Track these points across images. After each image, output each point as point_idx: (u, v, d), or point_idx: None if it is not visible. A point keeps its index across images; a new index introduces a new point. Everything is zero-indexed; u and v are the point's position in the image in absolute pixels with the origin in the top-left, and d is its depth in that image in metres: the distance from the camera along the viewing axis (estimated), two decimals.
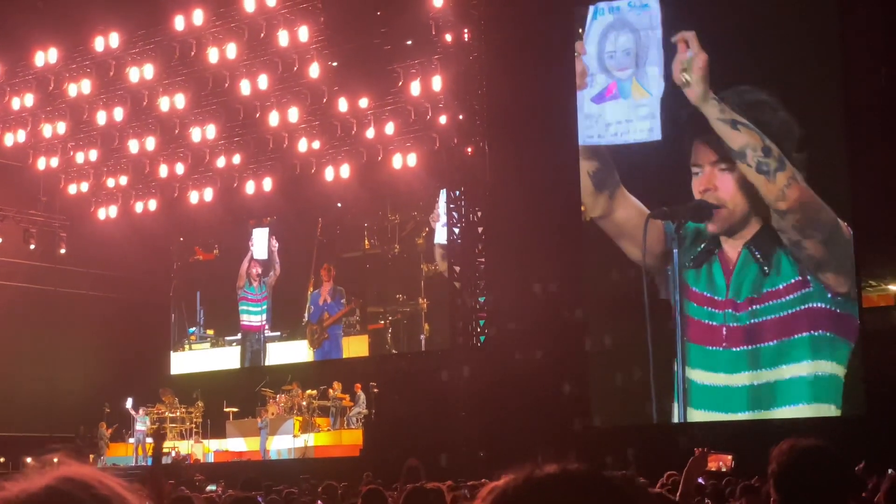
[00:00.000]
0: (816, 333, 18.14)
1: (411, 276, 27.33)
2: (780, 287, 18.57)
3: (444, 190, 23.67)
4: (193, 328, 30.57)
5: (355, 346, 27.72)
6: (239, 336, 29.57)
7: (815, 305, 18.24)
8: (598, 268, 20.56)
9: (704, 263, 19.34)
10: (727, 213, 19.18)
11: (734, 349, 18.89)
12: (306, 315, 28.45)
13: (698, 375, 19.12)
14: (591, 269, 20.82)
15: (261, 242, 29.82)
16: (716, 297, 19.15)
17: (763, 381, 18.59)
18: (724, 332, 18.96)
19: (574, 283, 21.09)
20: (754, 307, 18.76)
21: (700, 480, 9.00)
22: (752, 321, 18.75)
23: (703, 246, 19.33)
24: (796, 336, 18.34)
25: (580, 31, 20.70)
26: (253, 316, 29.45)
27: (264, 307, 29.37)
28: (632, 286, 19.76)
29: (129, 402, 26.96)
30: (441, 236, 25.04)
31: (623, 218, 20.11)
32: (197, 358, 30.17)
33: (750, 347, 18.73)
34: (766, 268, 18.70)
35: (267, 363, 28.80)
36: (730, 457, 10.38)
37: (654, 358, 19.37)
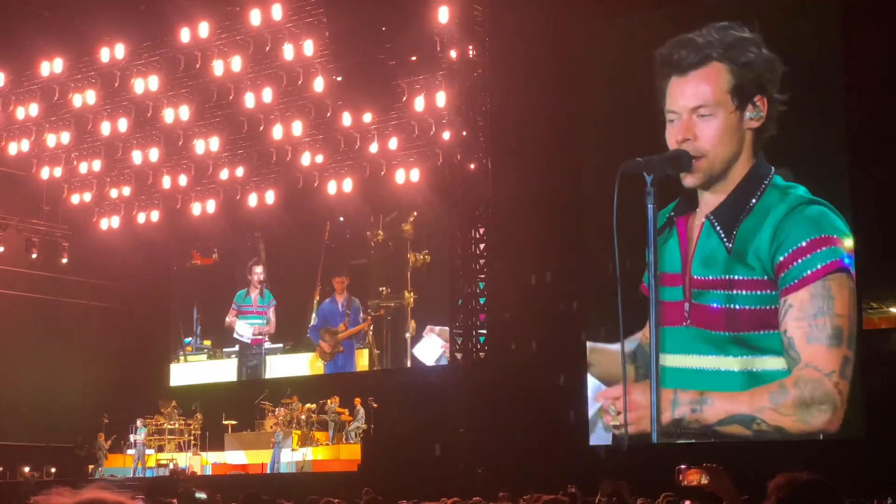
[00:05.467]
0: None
1: (396, 267, 26.77)
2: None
3: None
4: (189, 339, 30.39)
5: (360, 360, 27.54)
6: (237, 348, 29.45)
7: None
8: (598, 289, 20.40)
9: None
10: (707, 163, 17.93)
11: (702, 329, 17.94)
12: (312, 326, 27.95)
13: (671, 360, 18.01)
14: (590, 290, 20.68)
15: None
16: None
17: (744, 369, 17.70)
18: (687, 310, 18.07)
19: (575, 319, 21.06)
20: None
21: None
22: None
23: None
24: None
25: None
26: (252, 328, 29.28)
27: (264, 320, 29.24)
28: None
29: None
30: None
31: None
32: (196, 370, 30.04)
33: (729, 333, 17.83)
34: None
35: (267, 376, 28.66)
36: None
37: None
